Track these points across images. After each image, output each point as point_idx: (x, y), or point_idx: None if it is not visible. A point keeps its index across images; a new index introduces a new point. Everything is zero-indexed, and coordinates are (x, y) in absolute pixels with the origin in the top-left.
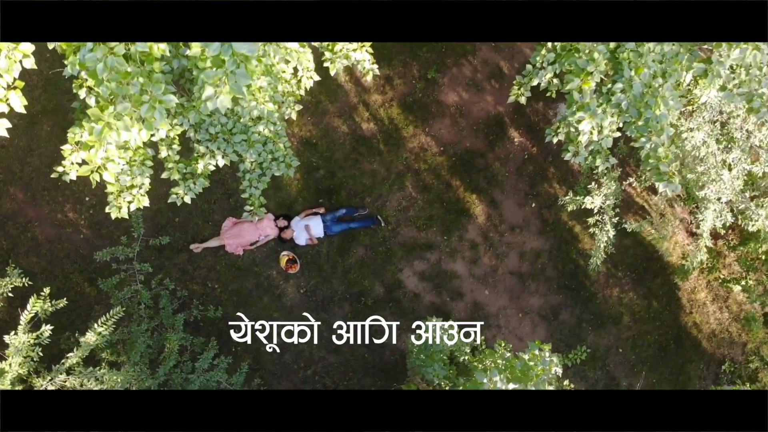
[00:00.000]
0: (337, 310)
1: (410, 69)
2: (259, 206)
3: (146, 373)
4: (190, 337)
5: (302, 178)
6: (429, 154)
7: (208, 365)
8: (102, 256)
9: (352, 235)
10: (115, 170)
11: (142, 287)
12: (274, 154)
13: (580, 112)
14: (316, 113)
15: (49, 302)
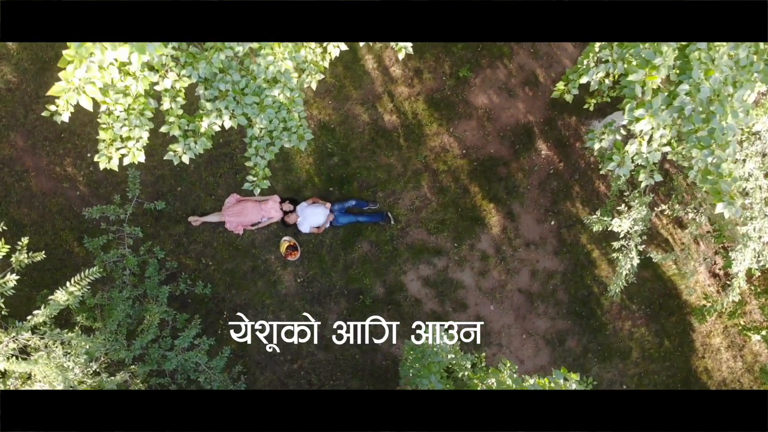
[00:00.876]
0: (333, 305)
1: (442, 64)
2: (263, 178)
3: (122, 344)
4: (173, 312)
5: (314, 163)
6: (450, 155)
7: (188, 344)
8: (91, 213)
9: (359, 229)
10: (94, 94)
11: (130, 252)
12: (286, 123)
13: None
14: (338, 97)
15: (25, 253)
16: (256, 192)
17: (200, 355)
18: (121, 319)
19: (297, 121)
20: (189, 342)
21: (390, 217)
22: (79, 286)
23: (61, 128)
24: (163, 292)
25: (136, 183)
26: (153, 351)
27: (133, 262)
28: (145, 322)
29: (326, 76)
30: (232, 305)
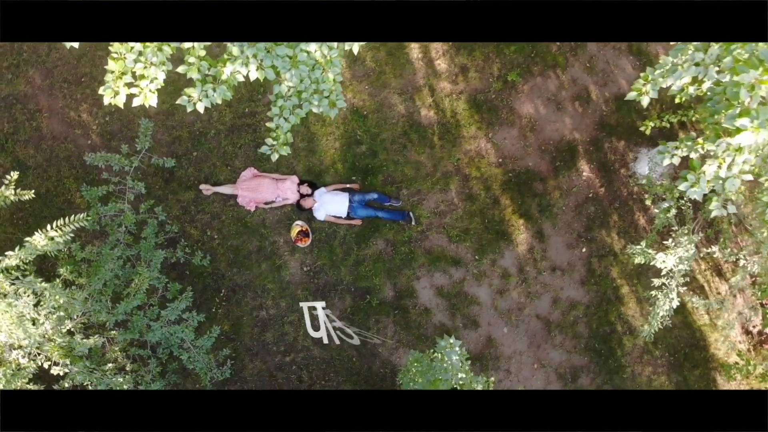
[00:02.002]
0: (336, 300)
1: (491, 65)
2: (283, 143)
3: (105, 306)
4: (164, 279)
5: (340, 149)
6: (485, 162)
7: (176, 317)
8: (94, 160)
9: (377, 224)
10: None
11: (129, 209)
12: (319, 84)
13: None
14: (375, 84)
15: (13, 189)
16: (273, 158)
17: (187, 331)
18: (108, 278)
19: (331, 84)
20: (177, 315)
21: (411, 218)
22: (62, 232)
23: (82, 72)
24: (157, 256)
25: (147, 135)
26: (137, 318)
27: (130, 220)
28: (133, 285)
29: (367, 59)
30: (231, 284)
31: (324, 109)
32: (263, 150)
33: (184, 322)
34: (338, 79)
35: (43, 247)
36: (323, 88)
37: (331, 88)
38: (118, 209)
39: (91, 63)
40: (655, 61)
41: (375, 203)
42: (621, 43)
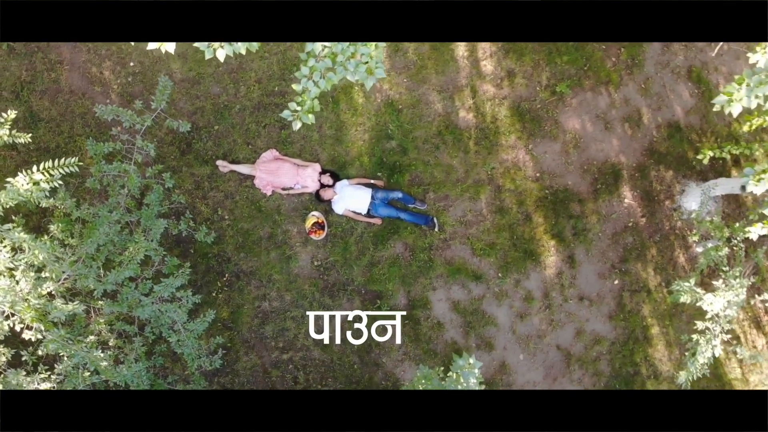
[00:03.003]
0: (344, 301)
1: (540, 73)
2: (308, 111)
3: (93, 272)
4: (162, 251)
5: (369, 141)
6: (521, 174)
7: (169, 294)
8: (104, 112)
9: (397, 225)
10: None
11: (135, 170)
12: (358, 47)
13: None
14: (415, 78)
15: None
16: (295, 126)
17: (180, 312)
18: (101, 242)
19: (371, 49)
20: (171, 292)
21: (435, 223)
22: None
23: None
24: (158, 225)
25: (165, 93)
26: (127, 291)
27: (134, 182)
28: (126, 253)
29: (409, 51)
30: (236, 269)
31: (360, 76)
32: (284, 115)
33: (177, 302)
34: (380, 44)
35: (26, 192)
36: (362, 52)
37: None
38: (122, 170)
39: None
40: (715, 90)
41: (398, 203)
42: (680, 67)
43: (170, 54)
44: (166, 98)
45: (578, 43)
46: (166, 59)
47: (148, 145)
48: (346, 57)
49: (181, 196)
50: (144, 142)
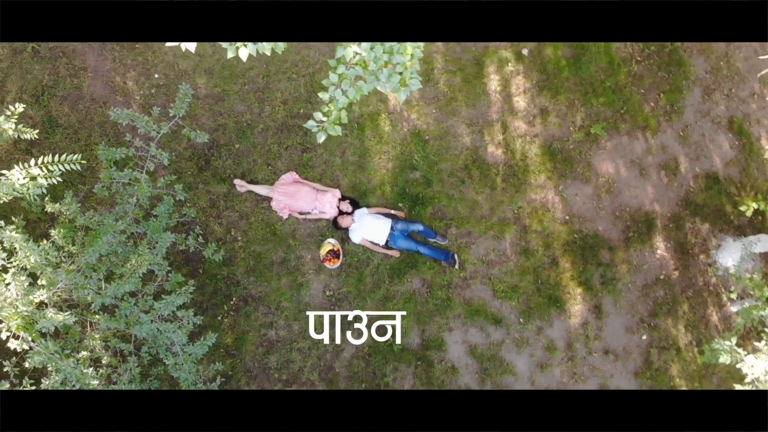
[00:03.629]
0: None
1: (574, 112)
2: (334, 122)
3: (93, 284)
4: (166, 266)
5: (393, 170)
6: (549, 215)
7: (169, 313)
8: (119, 116)
9: (416, 260)
10: None
11: (146, 179)
12: (393, 55)
13: None
14: (444, 109)
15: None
16: (320, 138)
17: (180, 333)
18: (104, 252)
19: (407, 58)
20: (171, 311)
21: (456, 260)
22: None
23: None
24: (165, 238)
25: (185, 101)
26: (126, 306)
27: (145, 192)
28: (128, 265)
29: (440, 82)
30: (244, 293)
31: (392, 87)
32: (309, 125)
33: (178, 321)
34: (417, 54)
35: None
36: (396, 61)
37: (406, 63)
38: (133, 178)
39: None
40: (756, 143)
41: (418, 236)
42: (721, 117)
43: (197, 68)
44: (185, 107)
45: (616, 85)
46: (192, 73)
47: (162, 154)
48: (378, 66)
49: (192, 210)
50: (158, 150)
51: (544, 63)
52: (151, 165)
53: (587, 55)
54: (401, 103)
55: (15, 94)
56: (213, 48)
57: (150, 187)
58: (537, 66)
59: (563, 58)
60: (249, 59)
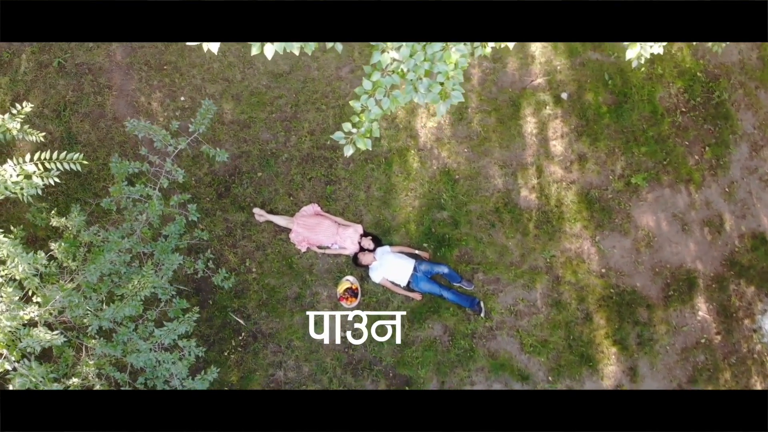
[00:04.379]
0: (368, 382)
1: (614, 161)
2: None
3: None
4: (171, 290)
5: (419, 208)
6: (584, 267)
7: (170, 342)
8: (135, 128)
9: (438, 304)
10: None
11: (158, 196)
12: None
13: None
14: (477, 149)
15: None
16: (347, 152)
17: (180, 365)
18: (105, 271)
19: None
20: (173, 339)
21: (482, 308)
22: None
23: (167, 60)
24: (171, 260)
25: (206, 117)
26: (124, 331)
27: (155, 210)
28: (130, 286)
29: (474, 121)
30: (255, 329)
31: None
32: (336, 137)
33: (178, 351)
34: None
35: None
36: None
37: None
38: (145, 194)
39: (179, 53)
40: None
41: (442, 279)
42: None
43: (225, 93)
44: (206, 123)
45: (659, 136)
46: (219, 98)
47: (177, 170)
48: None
49: (205, 233)
50: (174, 166)
51: (584, 108)
52: (165, 182)
53: (629, 103)
54: (439, 116)
55: (36, 108)
56: (242, 74)
57: (162, 205)
58: (576, 111)
59: (604, 104)
60: (279, 87)
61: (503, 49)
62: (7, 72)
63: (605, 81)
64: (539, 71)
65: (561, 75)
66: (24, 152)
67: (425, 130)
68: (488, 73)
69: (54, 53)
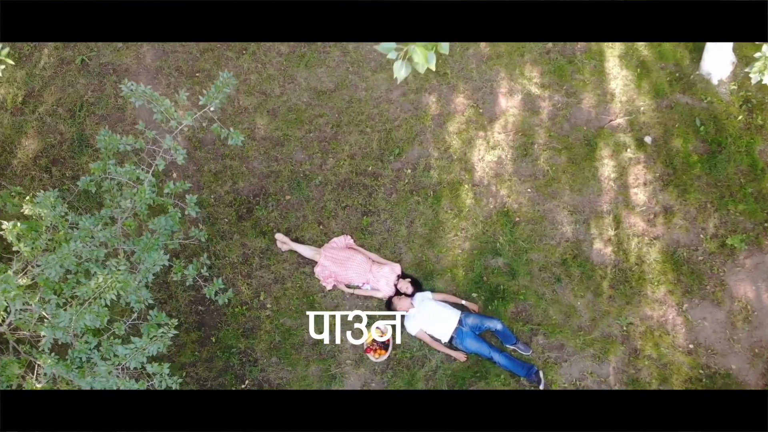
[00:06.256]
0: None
1: (706, 217)
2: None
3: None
4: (149, 297)
5: (469, 251)
6: (668, 340)
7: (136, 365)
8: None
9: (487, 369)
10: None
11: (150, 182)
12: None
13: None
14: (543, 190)
15: None
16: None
17: None
18: (70, 266)
19: None
20: (140, 363)
21: (540, 379)
22: None
23: (200, 67)
24: (153, 258)
25: (222, 90)
26: (81, 347)
27: (145, 196)
28: (93, 284)
29: (540, 159)
30: (261, 377)
31: None
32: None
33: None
34: None
35: None
36: None
37: None
38: (135, 178)
39: (214, 60)
40: None
41: (493, 339)
42: None
43: (259, 107)
44: (221, 98)
45: (759, 193)
46: (253, 111)
47: (178, 149)
48: None
49: (203, 233)
50: (174, 143)
51: (671, 155)
52: (161, 163)
53: (724, 153)
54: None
55: (50, 106)
56: (282, 88)
57: (154, 192)
58: (662, 157)
59: (694, 152)
60: (321, 106)
61: (578, 83)
62: (25, 66)
63: (696, 127)
64: (619, 110)
65: (644, 116)
66: (31, 147)
67: (482, 163)
68: (560, 108)
69: (79, 50)
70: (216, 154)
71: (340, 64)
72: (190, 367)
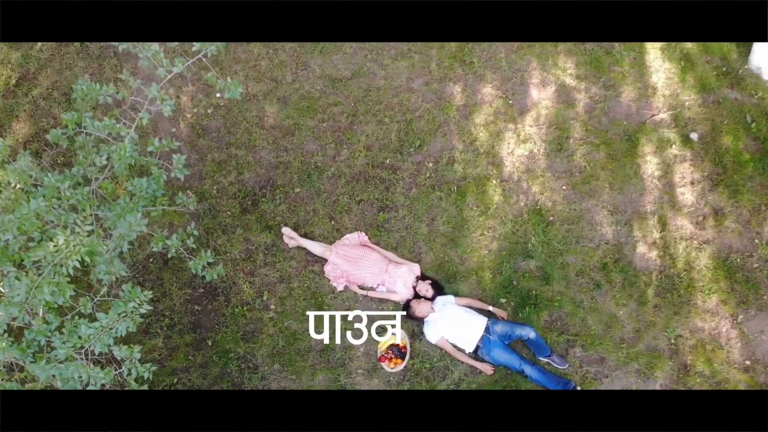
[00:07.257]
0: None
1: (760, 221)
2: None
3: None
4: (122, 269)
5: (498, 252)
6: (721, 355)
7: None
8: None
9: (517, 383)
10: None
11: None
12: None
13: None
14: (580, 187)
15: None
16: None
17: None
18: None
19: None
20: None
21: None
22: None
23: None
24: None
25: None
26: (40, 328)
27: (125, 156)
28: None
29: (576, 154)
30: (261, 385)
31: None
32: None
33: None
34: None
35: None
36: None
37: None
38: (115, 132)
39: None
40: None
41: (525, 350)
42: None
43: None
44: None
45: None
46: (262, 99)
47: (165, 99)
48: None
49: (192, 200)
50: (161, 93)
51: (720, 153)
52: (145, 117)
53: None
54: None
55: (44, 89)
56: (294, 75)
57: (136, 151)
58: (710, 155)
59: (745, 151)
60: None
61: (617, 75)
62: (21, 47)
63: (747, 124)
64: (662, 105)
65: (690, 112)
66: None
67: (512, 157)
68: (597, 101)
69: None
70: (220, 143)
71: (358, 51)
72: (182, 373)
